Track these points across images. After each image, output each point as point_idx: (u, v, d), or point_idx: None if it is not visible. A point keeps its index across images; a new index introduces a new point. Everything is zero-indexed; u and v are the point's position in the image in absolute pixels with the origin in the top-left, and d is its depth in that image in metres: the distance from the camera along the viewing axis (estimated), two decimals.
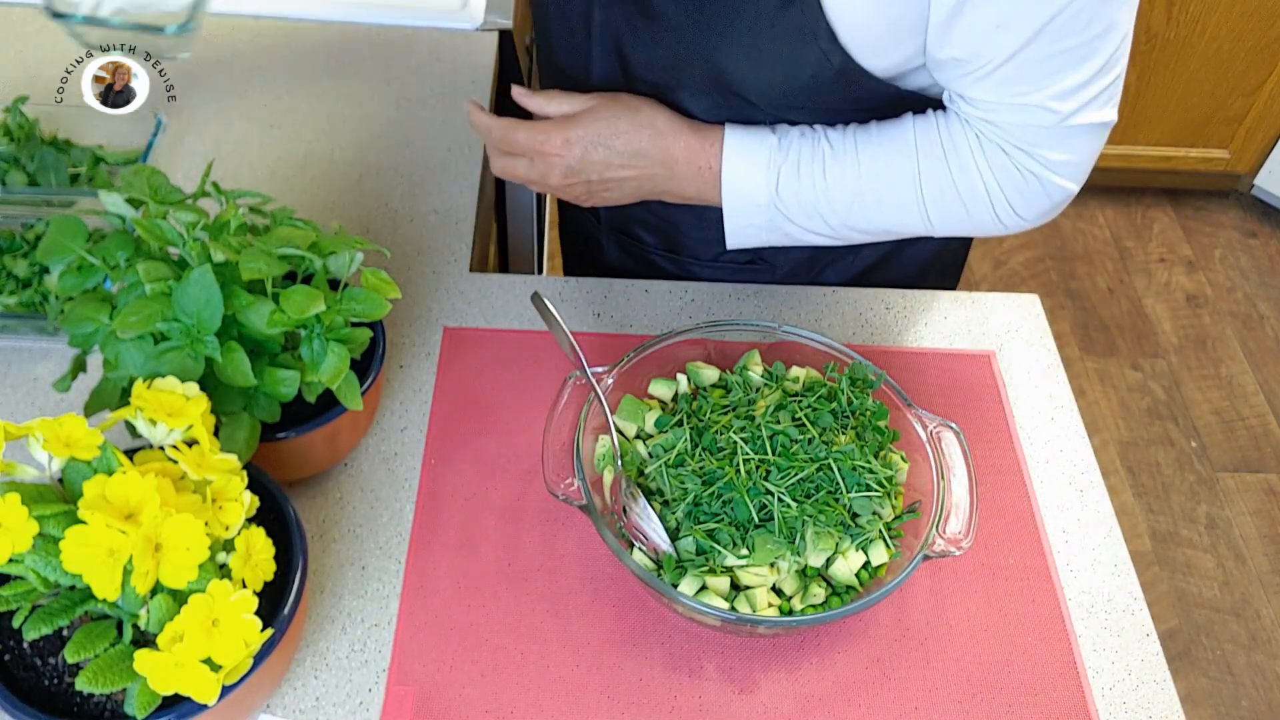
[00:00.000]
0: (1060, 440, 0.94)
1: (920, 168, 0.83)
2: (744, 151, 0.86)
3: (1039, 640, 0.80)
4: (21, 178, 1.04)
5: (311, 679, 0.76)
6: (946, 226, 0.86)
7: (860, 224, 0.87)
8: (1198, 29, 2.39)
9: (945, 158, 0.82)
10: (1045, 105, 0.77)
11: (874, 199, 0.85)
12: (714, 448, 0.80)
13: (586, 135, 0.87)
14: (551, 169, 0.88)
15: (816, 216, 0.86)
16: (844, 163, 0.84)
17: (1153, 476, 2.22)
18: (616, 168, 0.88)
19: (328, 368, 0.75)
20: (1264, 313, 2.56)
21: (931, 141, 0.83)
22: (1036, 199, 0.83)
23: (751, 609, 0.74)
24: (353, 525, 0.84)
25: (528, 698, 0.75)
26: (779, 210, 0.87)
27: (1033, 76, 0.76)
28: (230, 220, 0.76)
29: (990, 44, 0.74)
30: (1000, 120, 0.80)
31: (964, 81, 0.79)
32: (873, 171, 0.84)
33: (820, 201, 0.85)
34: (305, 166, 1.14)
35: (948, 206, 0.84)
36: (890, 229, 0.88)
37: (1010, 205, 0.83)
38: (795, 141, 0.85)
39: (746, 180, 0.86)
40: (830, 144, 0.85)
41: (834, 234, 0.88)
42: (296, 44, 1.29)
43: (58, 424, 0.62)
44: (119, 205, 0.76)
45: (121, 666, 0.61)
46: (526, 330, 0.98)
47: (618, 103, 0.88)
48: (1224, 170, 2.72)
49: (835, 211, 0.86)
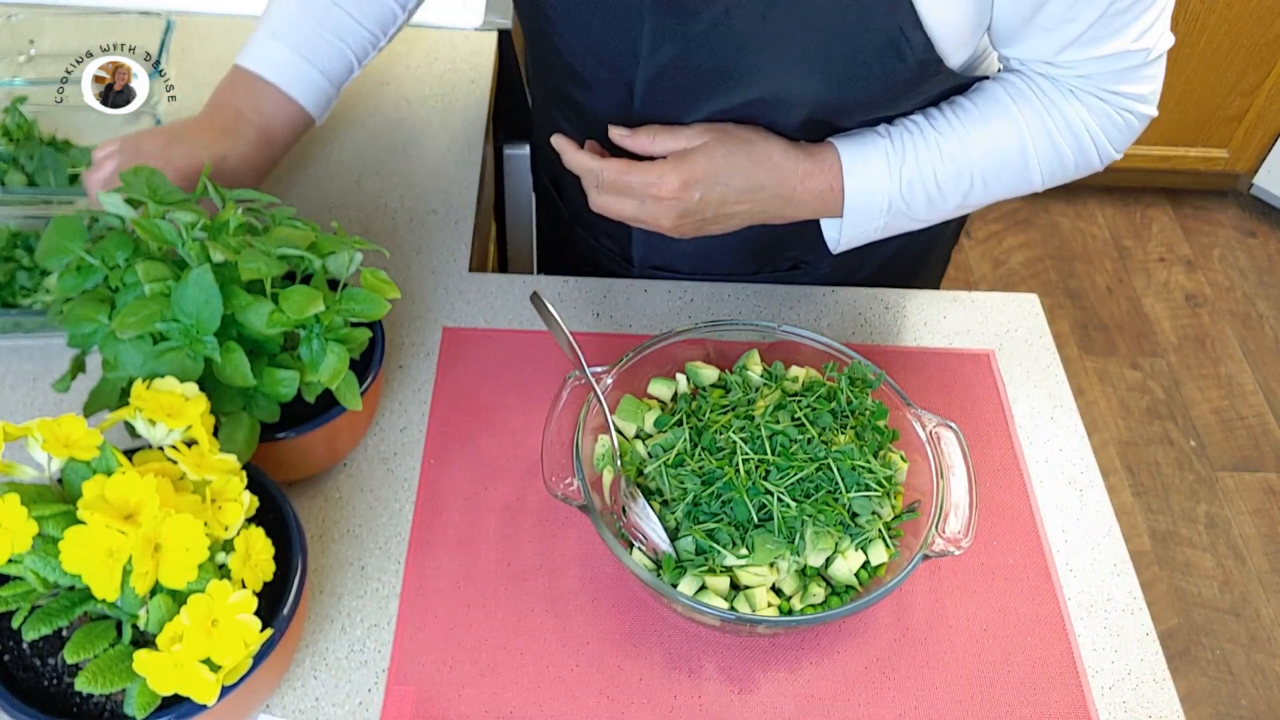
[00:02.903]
0: (1059, 440, 0.94)
1: (1027, 132, 0.85)
2: (864, 164, 0.85)
3: (1039, 640, 0.80)
4: (20, 178, 1.04)
5: (311, 679, 0.76)
6: (1054, 180, 0.89)
7: (978, 200, 0.88)
8: (1197, 28, 2.39)
9: (1047, 116, 0.85)
10: (1131, 50, 0.80)
11: (992, 174, 0.87)
12: (713, 447, 0.80)
13: (705, 176, 0.83)
14: (666, 211, 0.84)
15: (937, 205, 0.87)
16: (956, 147, 0.85)
17: (1152, 476, 2.22)
18: (732, 204, 0.85)
19: (327, 368, 0.75)
20: (1263, 312, 2.56)
21: (1030, 104, 0.85)
22: (1131, 132, 0.87)
23: (751, 609, 0.74)
24: (352, 525, 0.84)
25: (528, 698, 0.75)
26: (900, 210, 0.87)
27: (1115, 28, 0.79)
28: (229, 220, 0.76)
29: (1071, 16, 0.77)
30: (1091, 71, 0.83)
31: (1048, 52, 0.81)
32: (983, 148, 0.85)
33: (941, 191, 0.86)
34: (304, 166, 1.14)
35: (1058, 162, 0.87)
36: (1004, 197, 0.90)
37: (1110, 144, 0.87)
38: (906, 138, 0.86)
39: (871, 192, 0.86)
40: (939, 132, 0.85)
41: (947, 216, 0.90)
42: None
43: (57, 424, 0.62)
44: (118, 205, 0.76)
45: (121, 667, 0.61)
46: (526, 330, 0.98)
47: (732, 138, 0.84)
48: (1223, 170, 2.72)
49: (957, 194, 0.87)
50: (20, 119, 1.09)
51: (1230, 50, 2.45)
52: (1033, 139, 0.85)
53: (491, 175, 1.37)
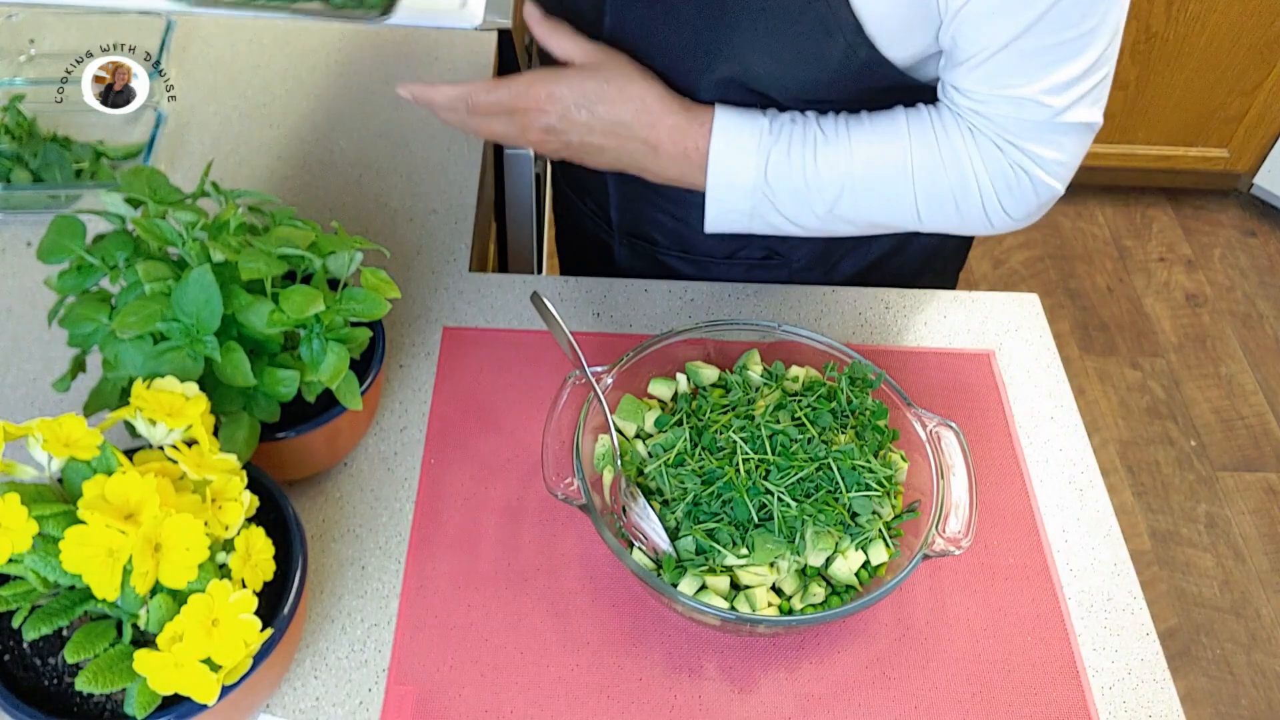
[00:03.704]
0: (1060, 439, 0.94)
1: (912, 157, 0.83)
2: (733, 134, 0.84)
3: (1039, 640, 0.80)
4: (25, 175, 1.05)
5: (311, 679, 0.76)
6: (935, 221, 0.86)
7: (848, 214, 0.85)
8: (1197, 27, 2.39)
9: (938, 147, 0.82)
10: (1038, 99, 0.77)
11: (865, 188, 0.84)
12: (713, 447, 0.80)
13: (571, 94, 0.83)
14: (532, 122, 0.85)
15: (804, 204, 0.85)
16: (836, 149, 0.83)
17: (1152, 476, 2.22)
18: (598, 134, 0.85)
19: (327, 367, 0.75)
20: (1263, 312, 2.56)
21: (924, 131, 0.83)
22: (1025, 196, 0.83)
23: (751, 609, 0.74)
24: (352, 525, 0.84)
25: (528, 698, 0.75)
26: (765, 196, 0.85)
27: (1026, 69, 0.76)
28: (230, 220, 0.76)
29: (987, 30, 0.75)
30: (993, 113, 0.80)
31: (959, 71, 0.79)
32: (865, 159, 0.83)
33: (810, 189, 0.84)
34: (305, 166, 1.14)
35: (938, 199, 0.84)
36: (878, 221, 0.87)
37: (999, 201, 0.83)
38: (786, 126, 0.84)
39: (734, 164, 0.84)
40: (822, 130, 0.84)
41: (820, 225, 0.87)
42: (296, 44, 1.29)
43: (57, 424, 0.62)
44: (118, 205, 0.76)
45: (121, 666, 0.61)
46: (526, 330, 0.98)
47: (614, 67, 0.84)
48: (1223, 169, 2.72)
49: (824, 200, 0.84)
50: (20, 117, 1.09)
51: (1230, 50, 2.45)
52: (917, 165, 0.82)
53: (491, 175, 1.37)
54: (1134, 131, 2.60)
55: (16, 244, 1.03)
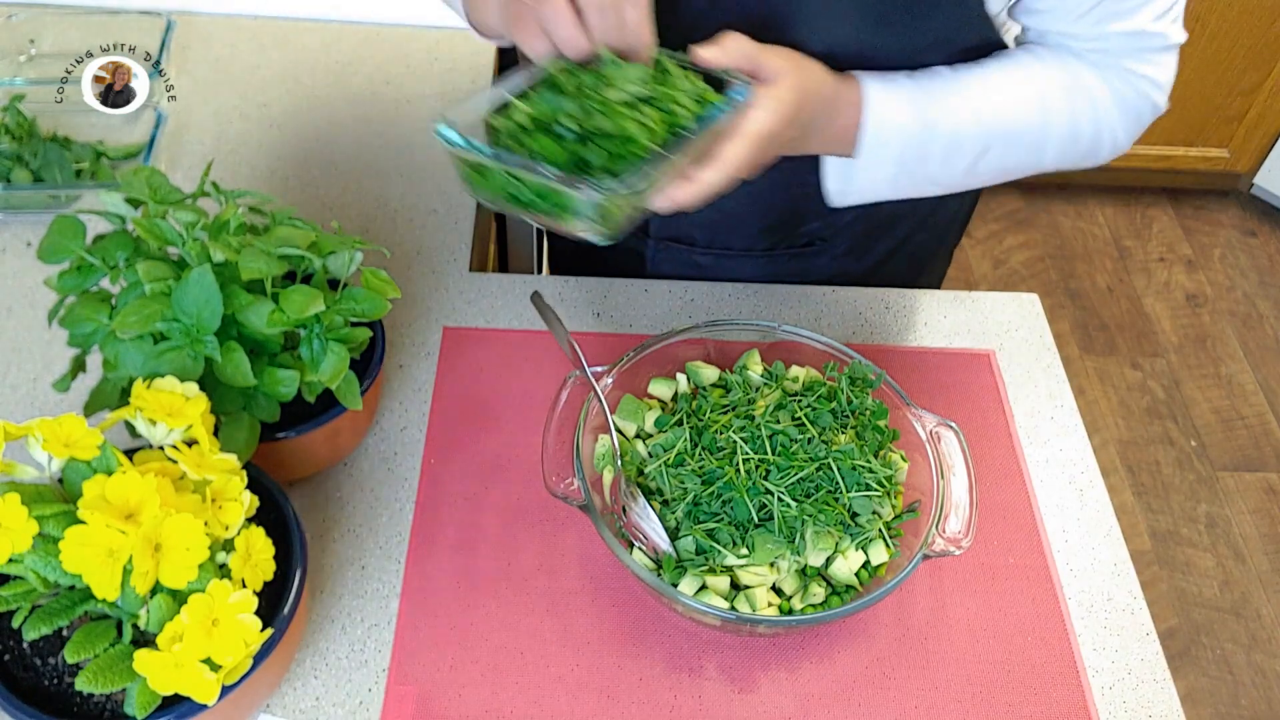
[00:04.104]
0: (1060, 439, 0.94)
1: (1051, 100, 0.84)
2: (888, 95, 0.81)
3: (1039, 640, 0.80)
4: (26, 174, 1.05)
5: (311, 679, 0.76)
6: (1063, 159, 0.88)
7: (986, 169, 0.86)
8: (1198, 28, 2.39)
9: (1074, 88, 0.85)
10: (1147, 29, 0.82)
11: (1011, 137, 0.84)
12: (714, 447, 0.80)
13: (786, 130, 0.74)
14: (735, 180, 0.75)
15: (951, 160, 0.83)
16: (980, 98, 0.83)
17: (1152, 476, 2.22)
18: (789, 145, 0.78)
19: (327, 367, 0.75)
20: (1264, 312, 2.56)
21: (1057, 74, 0.85)
22: (1143, 120, 0.88)
23: (751, 609, 0.74)
24: (353, 525, 0.84)
25: (528, 698, 0.75)
26: (914, 161, 0.82)
27: (1132, 5, 0.81)
28: (230, 220, 0.76)
29: None
30: (1112, 47, 0.84)
31: (1069, 18, 0.83)
32: (1007, 105, 0.84)
33: (959, 142, 0.83)
34: (305, 166, 1.14)
35: (1070, 139, 0.86)
36: (1012, 170, 0.88)
37: (1120, 131, 0.88)
38: (932, 81, 0.82)
39: (890, 127, 0.81)
40: (963, 81, 0.83)
41: (954, 182, 0.87)
42: (296, 44, 1.29)
43: (57, 424, 0.62)
44: (119, 205, 0.76)
45: (121, 666, 0.61)
46: (526, 330, 0.98)
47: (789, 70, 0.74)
48: (1223, 169, 2.72)
49: (971, 151, 0.84)
50: (20, 117, 1.09)
51: (1231, 50, 2.45)
52: (1053, 104, 0.84)
53: None
54: None
55: (17, 244, 1.03)
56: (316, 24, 1.32)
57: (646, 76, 0.71)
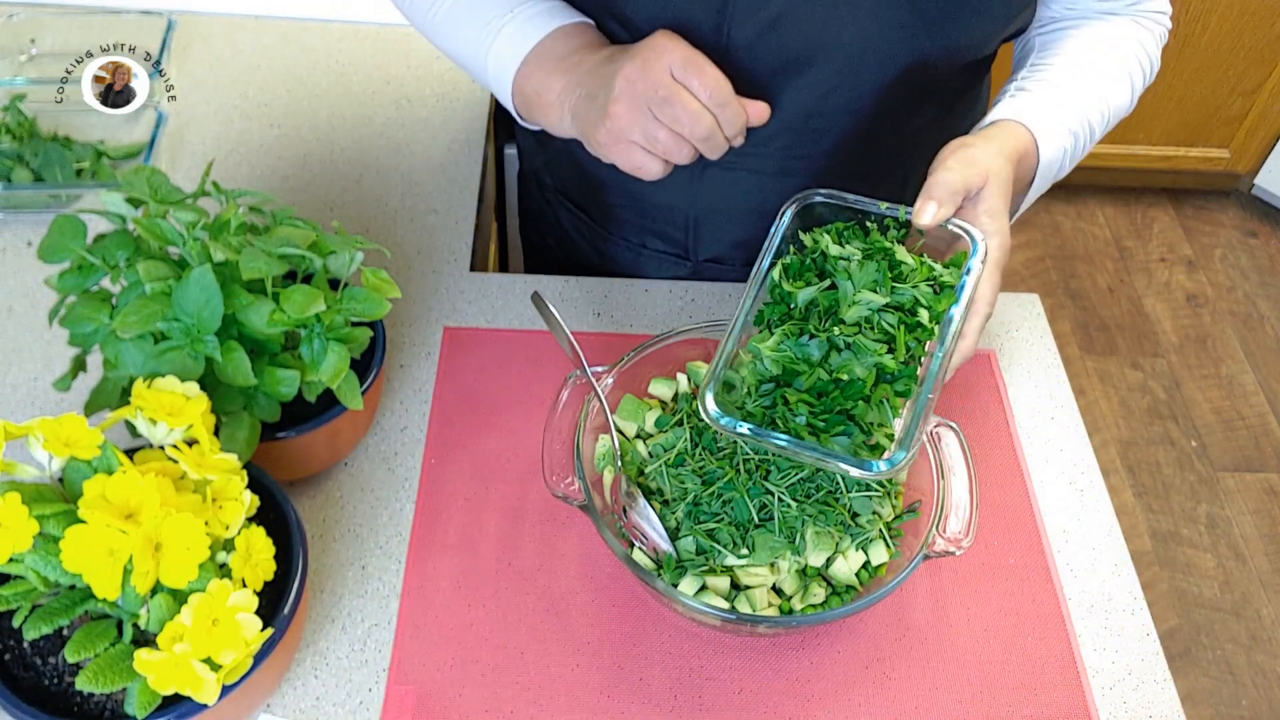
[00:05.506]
0: (1060, 440, 0.94)
1: (1126, 61, 0.92)
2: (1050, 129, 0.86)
3: (1039, 640, 0.80)
4: (26, 174, 1.05)
5: (311, 679, 0.76)
6: (1133, 104, 0.96)
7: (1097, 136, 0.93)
8: (1198, 28, 2.39)
9: (1132, 45, 0.93)
10: None
11: (1114, 115, 0.93)
12: (714, 447, 0.80)
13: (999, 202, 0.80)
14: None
15: (1080, 152, 0.91)
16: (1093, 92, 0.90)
17: (1153, 476, 2.22)
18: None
19: (328, 367, 0.75)
20: (1264, 312, 2.56)
21: (1117, 42, 0.92)
22: (1163, 43, 0.97)
23: (751, 609, 0.74)
24: (353, 525, 0.84)
25: (528, 698, 0.75)
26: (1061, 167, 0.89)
27: None
28: (230, 220, 0.76)
29: None
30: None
31: None
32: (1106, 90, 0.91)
33: (1093, 136, 0.91)
34: (305, 166, 1.14)
35: (1141, 84, 0.95)
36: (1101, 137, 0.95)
37: (1158, 56, 0.96)
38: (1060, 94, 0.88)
39: (1053, 163, 0.87)
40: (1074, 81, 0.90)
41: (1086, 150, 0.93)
42: (296, 44, 1.29)
43: (58, 424, 0.62)
44: (119, 205, 0.76)
45: (121, 666, 0.61)
46: (526, 330, 0.98)
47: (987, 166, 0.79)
48: (1224, 170, 2.72)
49: (1091, 140, 0.92)
50: (20, 117, 1.09)
51: (1231, 50, 2.45)
52: (1130, 69, 0.92)
53: (492, 175, 1.37)
54: (1135, 132, 2.60)
55: (17, 244, 1.03)
56: (317, 24, 1.32)
57: (880, 277, 0.72)
